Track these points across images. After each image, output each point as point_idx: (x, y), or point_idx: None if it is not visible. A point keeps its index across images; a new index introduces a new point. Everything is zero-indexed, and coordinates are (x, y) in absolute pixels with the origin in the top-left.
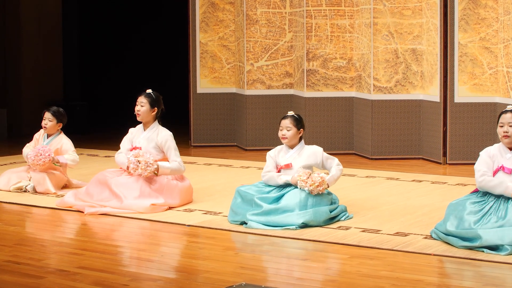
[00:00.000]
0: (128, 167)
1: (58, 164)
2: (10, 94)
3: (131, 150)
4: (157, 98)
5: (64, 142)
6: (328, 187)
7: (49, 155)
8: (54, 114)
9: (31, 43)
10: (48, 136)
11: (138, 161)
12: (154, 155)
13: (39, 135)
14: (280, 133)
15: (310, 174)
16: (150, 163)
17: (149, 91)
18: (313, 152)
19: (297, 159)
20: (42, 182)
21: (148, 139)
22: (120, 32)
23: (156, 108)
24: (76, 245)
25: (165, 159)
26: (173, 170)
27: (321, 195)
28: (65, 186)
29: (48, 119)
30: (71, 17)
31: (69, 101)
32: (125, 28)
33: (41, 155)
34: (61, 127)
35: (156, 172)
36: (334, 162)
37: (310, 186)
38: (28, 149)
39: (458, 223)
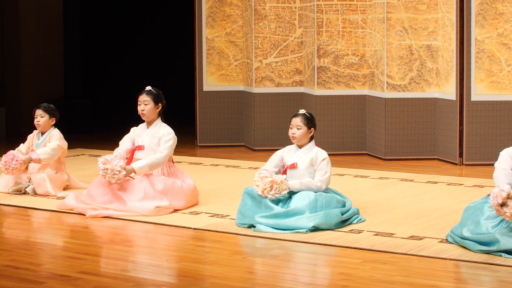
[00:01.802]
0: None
1: (31, 161)
2: (9, 93)
3: (133, 149)
4: (159, 93)
5: (53, 134)
6: (289, 189)
7: (17, 161)
8: (45, 109)
9: (30, 39)
10: (43, 134)
11: (106, 168)
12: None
13: (33, 135)
14: (290, 132)
15: (263, 178)
16: (116, 171)
17: (148, 88)
18: (317, 155)
19: (303, 158)
20: (42, 183)
21: (151, 136)
22: (123, 28)
23: (160, 104)
24: (77, 249)
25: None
26: (151, 166)
27: (330, 195)
28: (67, 187)
29: (40, 116)
30: (72, 11)
31: (71, 99)
32: (129, 24)
33: (11, 160)
34: (54, 122)
35: (132, 176)
36: (320, 176)
37: (262, 192)
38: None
39: (475, 228)
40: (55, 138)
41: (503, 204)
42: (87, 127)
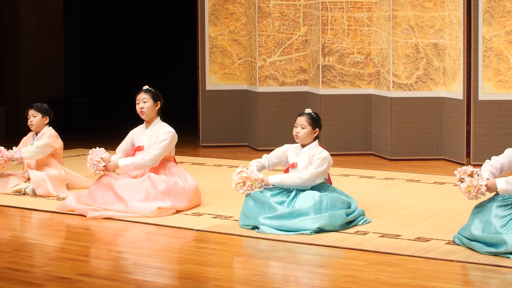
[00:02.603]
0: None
1: (14, 160)
2: (9, 92)
3: (133, 150)
4: (157, 92)
5: (45, 132)
6: (264, 184)
7: (2, 157)
8: (37, 109)
9: (30, 39)
10: (37, 134)
11: (90, 158)
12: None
13: (27, 138)
14: (294, 130)
15: (239, 173)
16: (96, 161)
17: (146, 87)
18: (315, 154)
19: (304, 158)
20: (42, 184)
21: (151, 136)
22: (124, 26)
23: (158, 102)
24: (78, 251)
25: (169, 156)
26: (136, 166)
27: (336, 196)
28: (68, 186)
29: (32, 116)
30: (72, 9)
31: (71, 99)
32: (130, 22)
33: None
34: (47, 121)
35: (116, 171)
36: (309, 169)
37: (235, 186)
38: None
39: (484, 226)
40: (45, 136)
41: (462, 180)
42: (87, 126)
